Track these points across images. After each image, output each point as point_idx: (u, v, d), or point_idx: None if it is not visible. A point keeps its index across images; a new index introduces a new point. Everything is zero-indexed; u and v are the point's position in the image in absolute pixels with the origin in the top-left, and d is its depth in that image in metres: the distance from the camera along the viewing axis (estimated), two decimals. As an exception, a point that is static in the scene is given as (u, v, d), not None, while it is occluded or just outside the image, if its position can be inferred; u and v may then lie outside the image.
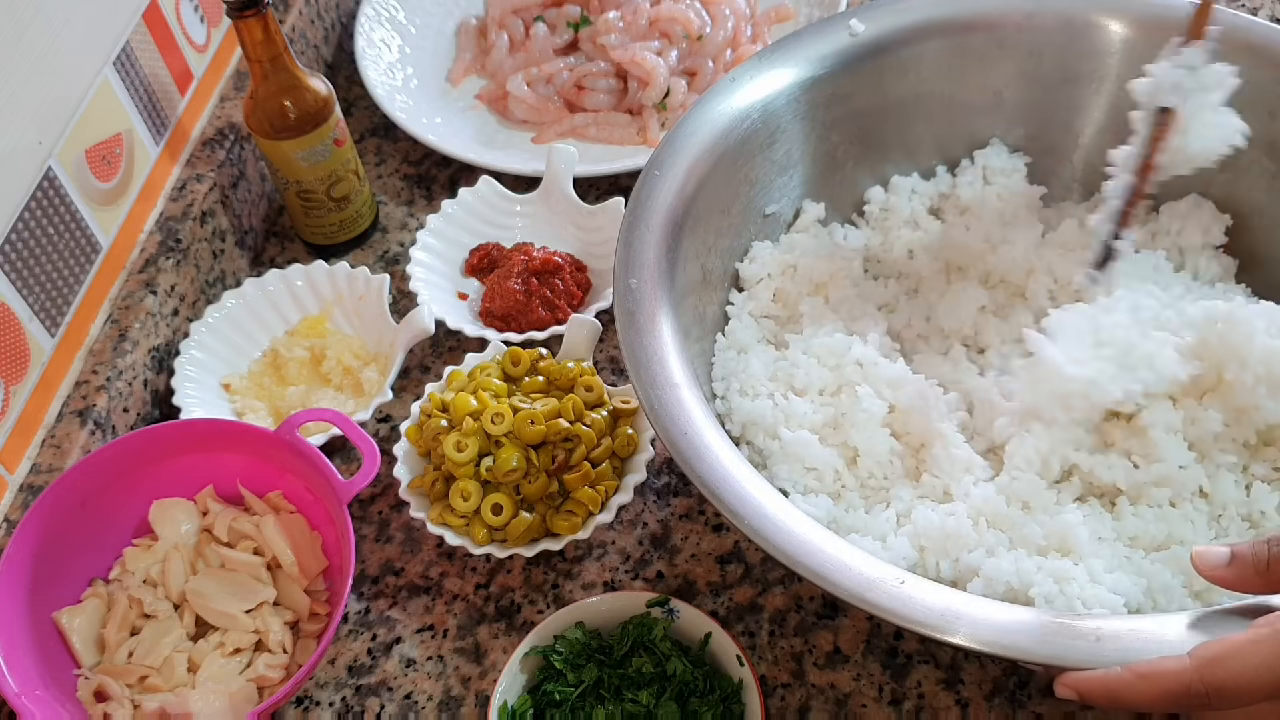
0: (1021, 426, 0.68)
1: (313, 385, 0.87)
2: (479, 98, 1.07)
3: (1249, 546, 0.53)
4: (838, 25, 0.81)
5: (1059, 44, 0.81)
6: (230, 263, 0.94)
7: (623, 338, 0.66)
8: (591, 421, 0.75)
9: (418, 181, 1.02)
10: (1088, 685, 0.50)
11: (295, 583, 0.74)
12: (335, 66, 1.12)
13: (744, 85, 0.78)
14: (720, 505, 0.59)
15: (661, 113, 1.02)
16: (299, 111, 0.86)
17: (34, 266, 0.76)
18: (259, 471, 0.78)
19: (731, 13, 1.05)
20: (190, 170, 0.92)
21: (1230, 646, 0.49)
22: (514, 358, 0.79)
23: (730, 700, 0.65)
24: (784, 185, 0.81)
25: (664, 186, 0.73)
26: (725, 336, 0.77)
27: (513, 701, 0.66)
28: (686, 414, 0.63)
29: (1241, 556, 0.53)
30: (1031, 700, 0.68)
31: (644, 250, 0.70)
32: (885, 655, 0.71)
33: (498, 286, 0.89)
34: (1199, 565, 0.54)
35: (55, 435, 0.77)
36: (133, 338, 0.82)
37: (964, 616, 0.54)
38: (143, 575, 0.74)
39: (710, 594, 0.75)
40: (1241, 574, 0.52)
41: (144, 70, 0.88)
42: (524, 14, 1.08)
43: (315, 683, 0.73)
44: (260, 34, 0.82)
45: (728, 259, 0.79)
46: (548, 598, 0.76)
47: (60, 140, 0.79)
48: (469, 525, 0.74)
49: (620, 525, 0.78)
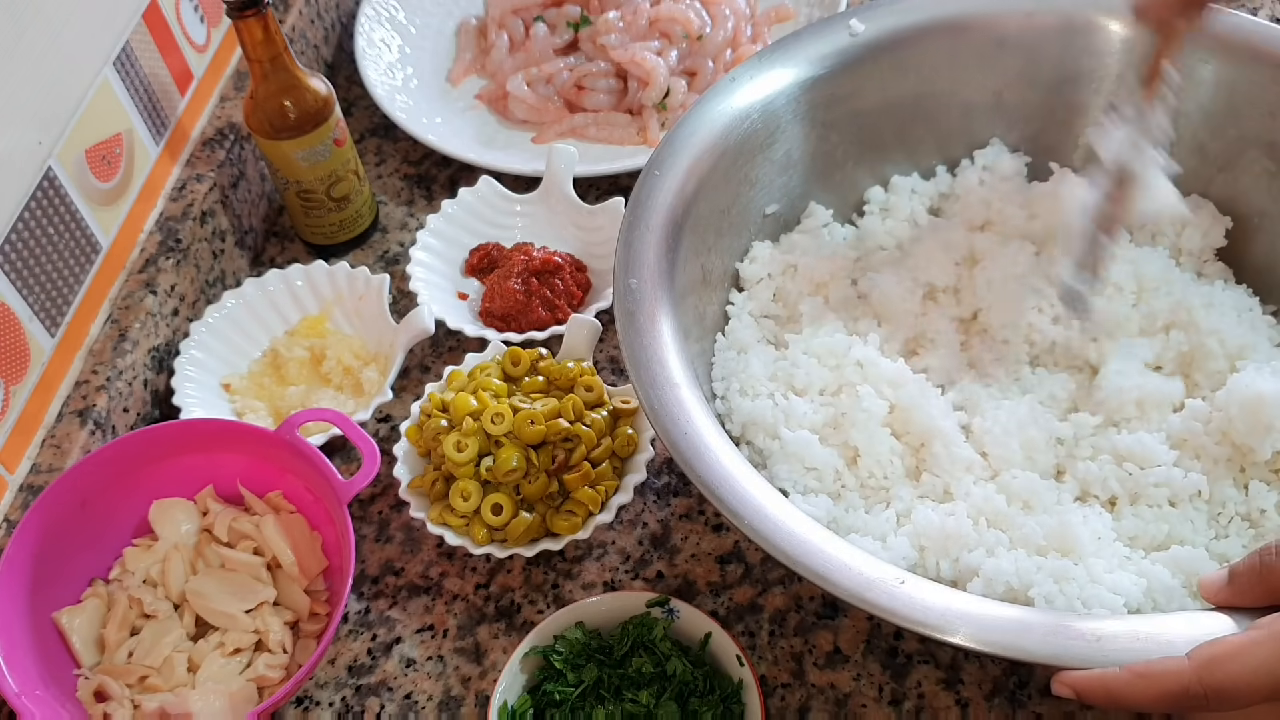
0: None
1: (313, 385, 0.87)
2: (479, 98, 1.07)
3: (1244, 563, 0.53)
4: (838, 25, 0.81)
5: (1059, 44, 0.81)
6: (230, 263, 0.94)
7: (623, 338, 0.66)
8: (591, 421, 0.75)
9: (418, 181, 1.02)
10: (1085, 684, 0.50)
11: (295, 583, 0.74)
12: (335, 66, 1.12)
13: (744, 85, 0.78)
14: (720, 505, 0.59)
15: (661, 113, 1.02)
16: (299, 111, 0.86)
17: (34, 266, 0.76)
18: (259, 471, 0.78)
19: (731, 13, 1.05)
20: (190, 170, 0.92)
21: (1229, 648, 0.49)
22: (514, 358, 0.79)
23: (730, 700, 0.65)
24: (784, 185, 0.81)
25: (664, 186, 0.73)
26: (725, 336, 0.77)
27: (513, 701, 0.66)
28: (686, 414, 0.63)
29: (1238, 573, 0.53)
30: (1031, 700, 0.68)
31: (644, 250, 0.70)
32: (885, 655, 0.71)
33: (498, 286, 0.89)
34: (1205, 595, 0.54)
35: (55, 435, 0.77)
36: (133, 338, 0.82)
37: (964, 616, 0.54)
38: (143, 575, 0.74)
39: (710, 594, 0.75)
40: (1241, 588, 0.53)
41: (144, 70, 0.88)
42: (524, 14, 1.08)
43: (315, 683, 0.73)
44: (260, 34, 0.82)
45: (728, 259, 0.79)
46: (548, 598, 0.76)
47: (60, 140, 0.79)
48: (469, 525, 0.74)
49: (620, 525, 0.78)
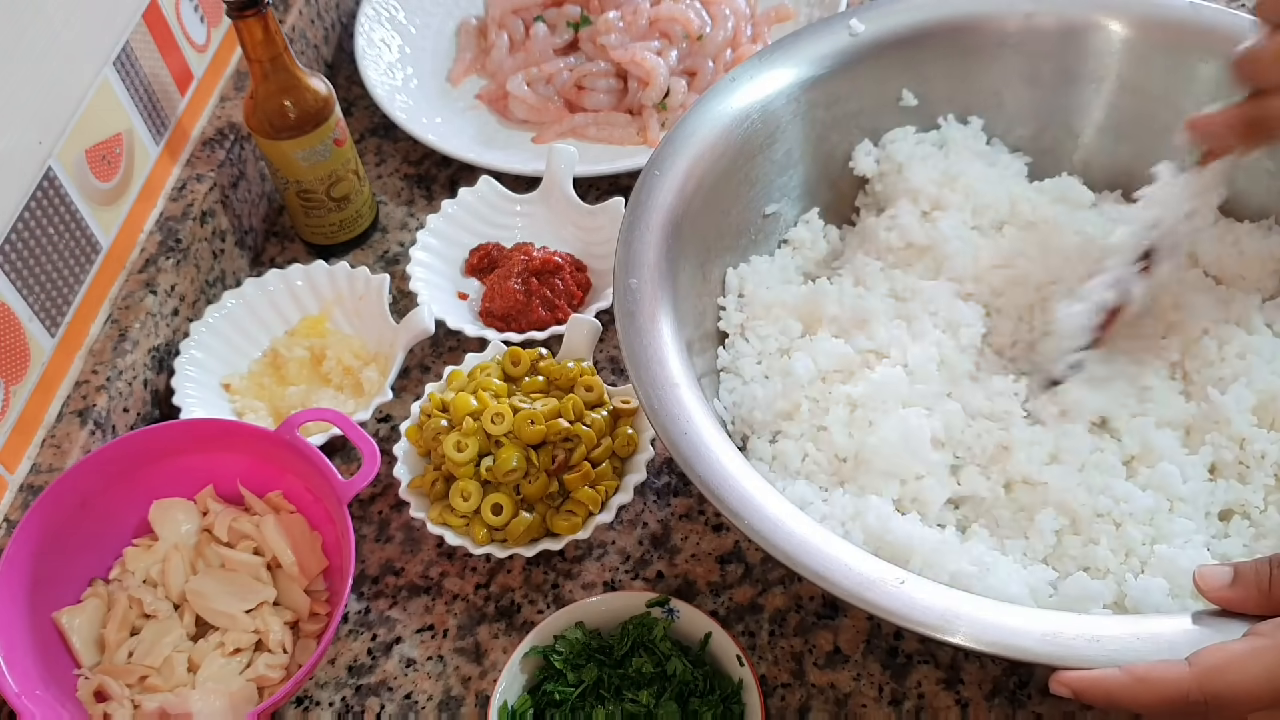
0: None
1: (313, 385, 0.87)
2: (479, 98, 1.07)
3: (1251, 566, 0.53)
4: (838, 25, 0.81)
5: (1059, 44, 0.81)
6: (230, 263, 0.94)
7: (623, 338, 0.66)
8: (591, 421, 0.75)
9: (418, 181, 1.03)
10: (1083, 685, 0.50)
11: (295, 583, 0.74)
12: (335, 66, 1.12)
13: (744, 85, 0.78)
14: (720, 505, 0.59)
15: (661, 113, 1.02)
16: (299, 111, 0.86)
17: (34, 266, 0.76)
18: (259, 471, 0.78)
19: (731, 13, 1.05)
20: (190, 170, 0.92)
21: (1230, 656, 0.49)
22: (514, 358, 0.79)
23: (730, 700, 0.65)
24: (784, 185, 0.81)
25: (664, 186, 0.73)
26: (726, 337, 0.77)
27: (513, 701, 0.66)
28: (686, 414, 0.63)
29: (1244, 577, 0.53)
30: (1031, 700, 0.68)
31: (644, 250, 0.70)
32: (885, 655, 0.71)
33: (498, 286, 0.89)
34: (1202, 586, 0.54)
35: (55, 435, 0.77)
36: (133, 338, 0.82)
37: (964, 616, 0.54)
38: (143, 575, 0.74)
39: (710, 594, 0.75)
40: (1245, 595, 0.52)
41: (144, 70, 0.88)
42: (524, 14, 1.08)
43: (315, 683, 0.73)
44: (260, 34, 0.82)
45: (727, 260, 0.79)
46: (548, 598, 0.76)
47: (60, 140, 0.79)
48: (469, 525, 0.74)
49: (620, 525, 0.78)
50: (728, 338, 0.77)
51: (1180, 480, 0.65)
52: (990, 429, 0.69)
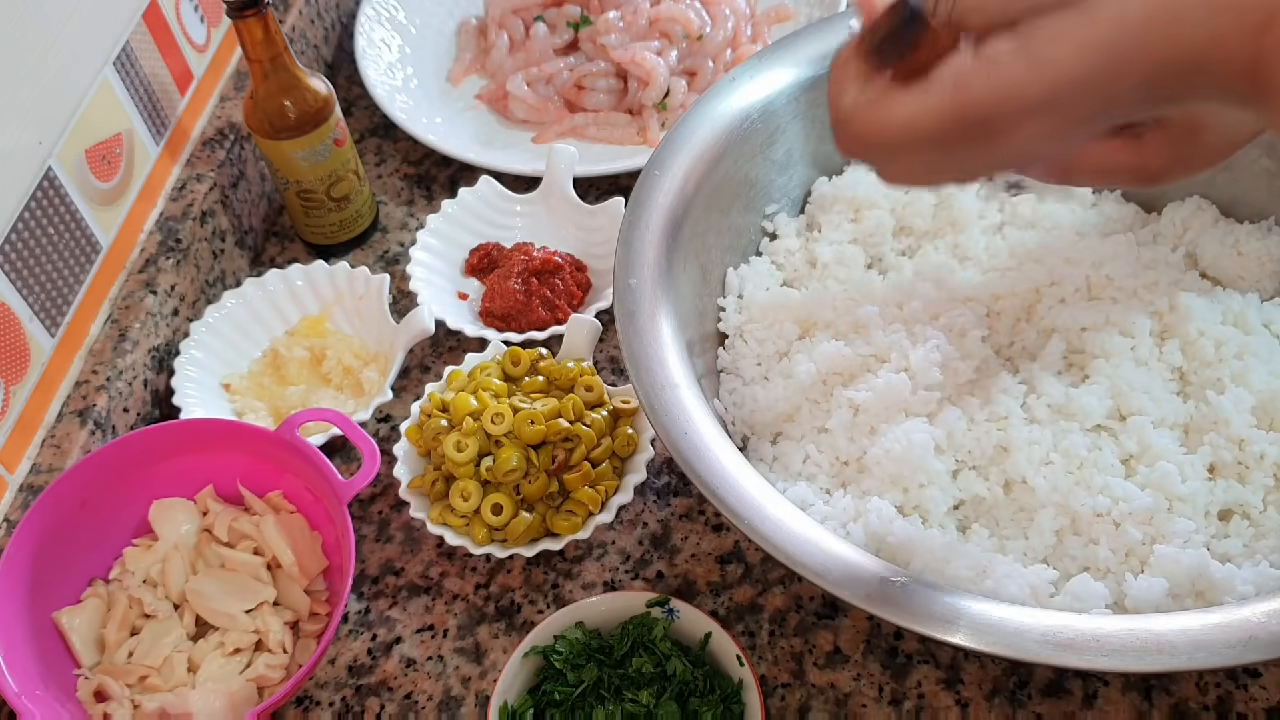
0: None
1: (313, 385, 0.87)
2: (479, 98, 1.07)
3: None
4: (838, 25, 0.81)
5: (1059, 44, 0.81)
6: (230, 263, 0.94)
7: (623, 338, 0.66)
8: (591, 421, 0.75)
9: (418, 181, 1.03)
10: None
11: (295, 583, 0.74)
12: (335, 66, 1.12)
13: (744, 85, 0.78)
14: (720, 505, 0.59)
15: (661, 113, 1.02)
16: (299, 111, 0.86)
17: (34, 266, 0.76)
18: (259, 471, 0.78)
19: (731, 13, 1.05)
20: (190, 170, 0.92)
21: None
22: (514, 358, 0.79)
23: (730, 700, 0.65)
24: (784, 185, 0.81)
25: (664, 186, 0.73)
26: (726, 338, 0.77)
27: (513, 701, 0.66)
28: (686, 414, 0.63)
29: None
30: (1031, 700, 0.68)
31: (644, 250, 0.70)
32: (885, 655, 0.71)
33: (498, 286, 0.89)
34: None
35: (55, 435, 0.77)
36: (133, 338, 0.82)
37: (964, 616, 0.54)
38: (143, 575, 0.74)
39: (710, 594, 0.75)
40: None
41: (144, 70, 0.88)
42: (524, 14, 1.08)
43: (315, 683, 0.73)
44: (260, 34, 0.82)
45: (727, 259, 0.79)
46: (548, 598, 0.76)
47: (60, 140, 0.79)
48: (469, 525, 0.74)
49: (620, 525, 0.78)
50: (728, 338, 0.77)
51: (1179, 480, 0.65)
52: (989, 430, 0.69)
